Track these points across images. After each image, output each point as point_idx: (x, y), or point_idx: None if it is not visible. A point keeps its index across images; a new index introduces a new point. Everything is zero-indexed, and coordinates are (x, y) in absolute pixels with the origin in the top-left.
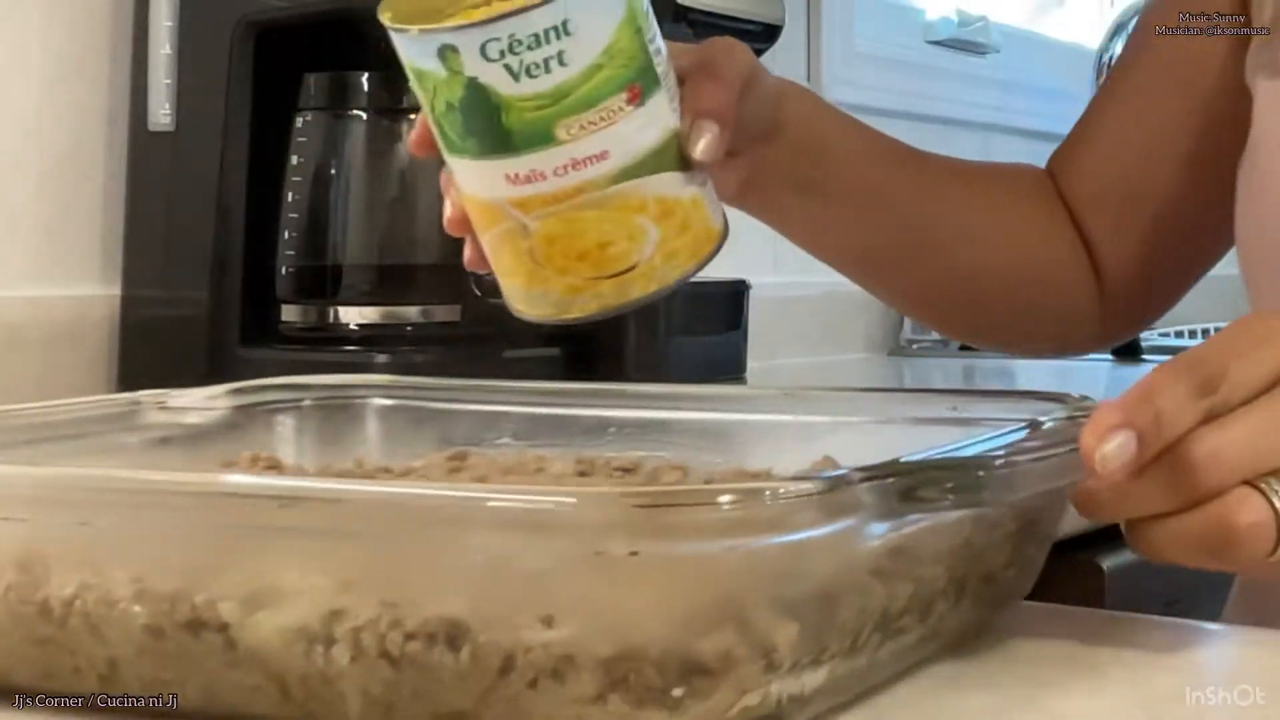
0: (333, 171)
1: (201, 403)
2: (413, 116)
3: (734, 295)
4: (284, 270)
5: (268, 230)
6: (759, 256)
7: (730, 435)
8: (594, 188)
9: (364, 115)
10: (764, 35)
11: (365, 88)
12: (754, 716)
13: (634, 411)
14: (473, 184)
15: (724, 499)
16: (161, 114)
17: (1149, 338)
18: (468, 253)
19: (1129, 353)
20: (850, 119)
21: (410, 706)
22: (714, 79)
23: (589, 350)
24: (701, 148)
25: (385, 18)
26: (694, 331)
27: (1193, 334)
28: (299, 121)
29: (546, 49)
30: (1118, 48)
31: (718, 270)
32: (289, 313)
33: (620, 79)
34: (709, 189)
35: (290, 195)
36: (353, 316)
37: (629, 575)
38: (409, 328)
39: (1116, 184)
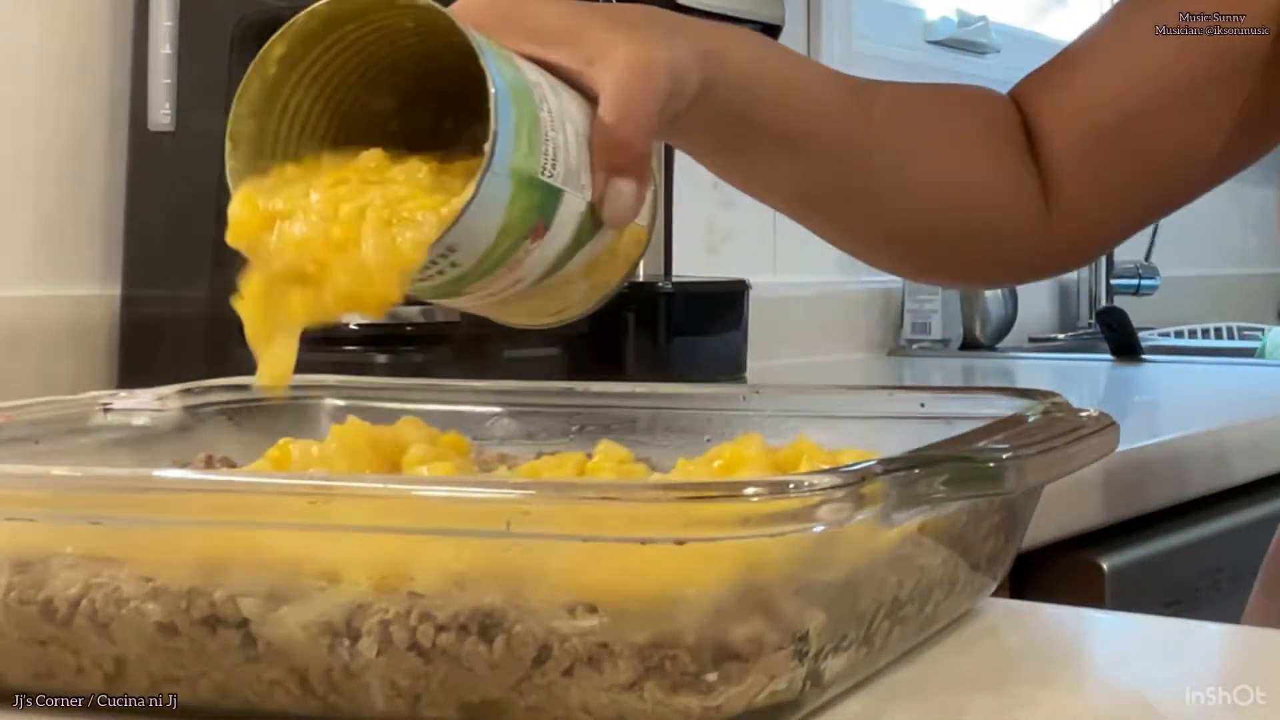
0: None
1: (151, 404)
2: None
3: (734, 295)
4: None
5: None
6: (759, 256)
7: (698, 431)
8: (513, 295)
9: None
10: (764, 35)
11: None
12: (779, 701)
13: (598, 410)
14: None
15: (762, 491)
16: (161, 114)
17: (1149, 338)
18: None
19: (1129, 352)
20: (798, 64)
21: (438, 697)
22: (625, 120)
23: (590, 351)
24: (619, 214)
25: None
26: (694, 331)
27: (1193, 333)
28: None
29: (431, 269)
30: None
31: (718, 270)
32: None
33: (520, 234)
34: None
35: None
36: (353, 316)
37: (668, 564)
38: (409, 328)
39: (1112, 122)
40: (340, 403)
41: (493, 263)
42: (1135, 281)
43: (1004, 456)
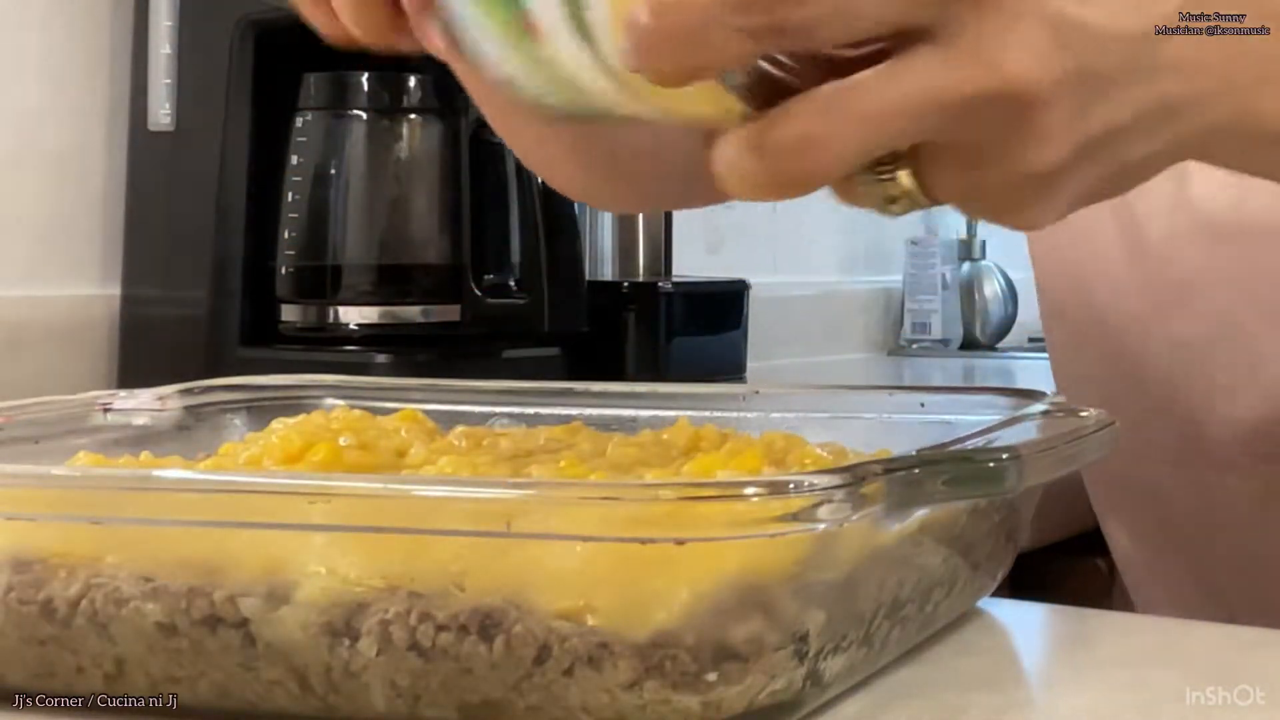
0: (332, 171)
1: (151, 404)
2: (413, 116)
3: (734, 295)
4: (284, 270)
5: (268, 230)
6: (759, 256)
7: None
8: None
9: (364, 115)
10: None
11: (365, 88)
12: (779, 701)
13: (596, 410)
14: None
15: (762, 491)
16: (161, 114)
17: None
18: None
19: None
20: None
21: (438, 697)
22: None
23: (590, 351)
24: None
25: None
26: (694, 331)
27: None
28: (299, 121)
29: None
30: None
31: (718, 270)
32: (289, 313)
33: None
34: None
35: (290, 195)
36: (353, 316)
37: (668, 563)
38: (409, 328)
39: None
40: (340, 403)
41: None
42: None
43: (1004, 456)
